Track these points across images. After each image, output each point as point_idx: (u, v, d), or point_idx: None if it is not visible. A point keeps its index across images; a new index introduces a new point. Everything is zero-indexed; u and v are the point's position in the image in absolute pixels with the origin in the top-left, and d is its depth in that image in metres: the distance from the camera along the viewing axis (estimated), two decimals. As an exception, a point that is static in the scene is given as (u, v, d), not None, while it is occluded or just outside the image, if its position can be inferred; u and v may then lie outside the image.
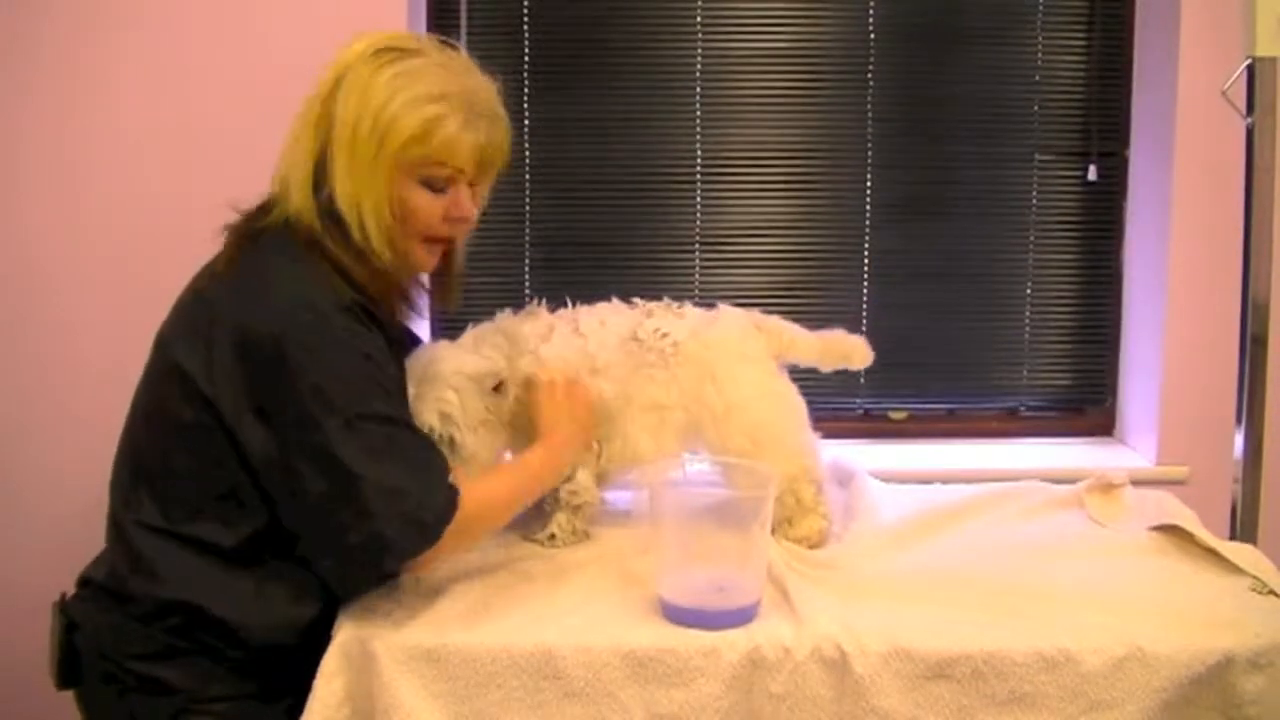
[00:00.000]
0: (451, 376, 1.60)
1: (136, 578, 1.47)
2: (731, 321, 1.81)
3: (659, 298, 1.82)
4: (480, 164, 1.54)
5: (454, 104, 1.48)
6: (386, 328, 1.52)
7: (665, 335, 1.75)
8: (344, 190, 1.46)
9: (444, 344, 1.68)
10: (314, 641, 1.46)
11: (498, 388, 1.65)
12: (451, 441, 1.59)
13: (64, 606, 1.51)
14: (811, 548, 1.70)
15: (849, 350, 1.87)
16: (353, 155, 1.46)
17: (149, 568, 1.46)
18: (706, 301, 1.86)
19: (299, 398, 1.39)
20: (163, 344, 1.51)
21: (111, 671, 1.46)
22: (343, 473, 1.39)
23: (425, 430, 1.56)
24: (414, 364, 1.61)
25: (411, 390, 1.58)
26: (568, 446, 1.67)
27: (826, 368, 1.87)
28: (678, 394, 1.74)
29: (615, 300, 1.83)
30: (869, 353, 1.87)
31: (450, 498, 1.44)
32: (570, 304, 1.82)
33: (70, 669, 1.49)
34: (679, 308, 1.82)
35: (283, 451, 1.41)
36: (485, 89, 1.54)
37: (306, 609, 1.49)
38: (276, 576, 1.48)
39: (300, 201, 1.48)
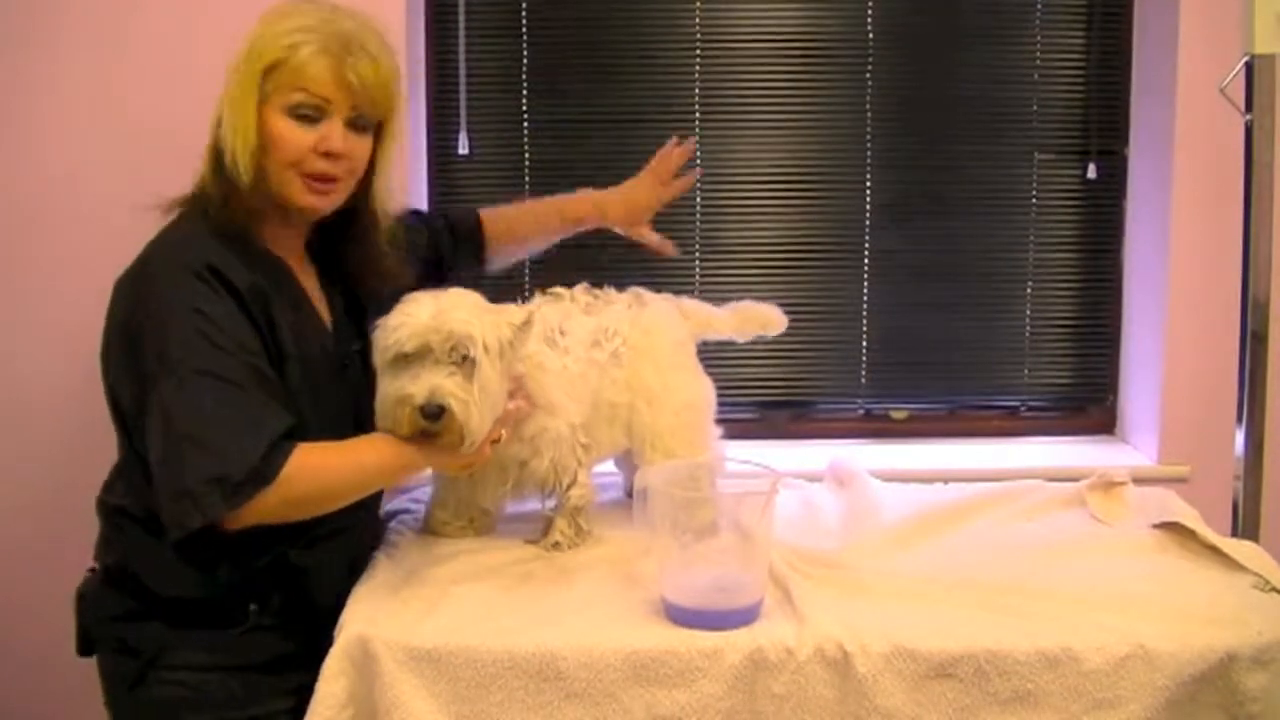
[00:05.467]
0: (477, 310, 1.59)
1: (101, 547, 1.62)
2: (662, 307, 1.90)
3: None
4: (352, 99, 1.54)
5: (317, 35, 1.52)
6: (250, 281, 1.52)
7: (615, 334, 1.81)
8: (225, 123, 1.55)
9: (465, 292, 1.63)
10: (236, 600, 1.56)
11: (526, 323, 1.63)
12: (472, 363, 1.53)
13: (81, 584, 1.64)
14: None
15: (763, 318, 2.00)
16: (230, 87, 1.55)
17: (106, 537, 1.61)
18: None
19: (148, 361, 1.46)
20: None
21: (102, 635, 1.60)
22: (170, 427, 1.44)
23: (451, 344, 1.52)
24: (424, 296, 1.58)
25: (431, 307, 1.55)
26: (431, 455, 1.58)
27: (744, 338, 2.00)
28: (625, 386, 1.80)
29: (539, 296, 1.84)
30: (782, 318, 2.00)
31: (271, 460, 1.44)
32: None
33: (82, 638, 1.62)
34: (605, 293, 1.87)
35: (140, 413, 1.48)
36: (362, 32, 1.55)
37: (220, 573, 1.53)
38: (192, 541, 1.46)
39: (205, 155, 1.57)
